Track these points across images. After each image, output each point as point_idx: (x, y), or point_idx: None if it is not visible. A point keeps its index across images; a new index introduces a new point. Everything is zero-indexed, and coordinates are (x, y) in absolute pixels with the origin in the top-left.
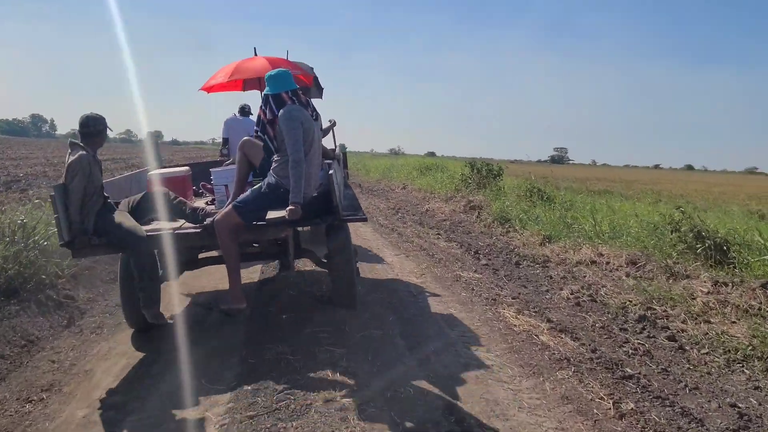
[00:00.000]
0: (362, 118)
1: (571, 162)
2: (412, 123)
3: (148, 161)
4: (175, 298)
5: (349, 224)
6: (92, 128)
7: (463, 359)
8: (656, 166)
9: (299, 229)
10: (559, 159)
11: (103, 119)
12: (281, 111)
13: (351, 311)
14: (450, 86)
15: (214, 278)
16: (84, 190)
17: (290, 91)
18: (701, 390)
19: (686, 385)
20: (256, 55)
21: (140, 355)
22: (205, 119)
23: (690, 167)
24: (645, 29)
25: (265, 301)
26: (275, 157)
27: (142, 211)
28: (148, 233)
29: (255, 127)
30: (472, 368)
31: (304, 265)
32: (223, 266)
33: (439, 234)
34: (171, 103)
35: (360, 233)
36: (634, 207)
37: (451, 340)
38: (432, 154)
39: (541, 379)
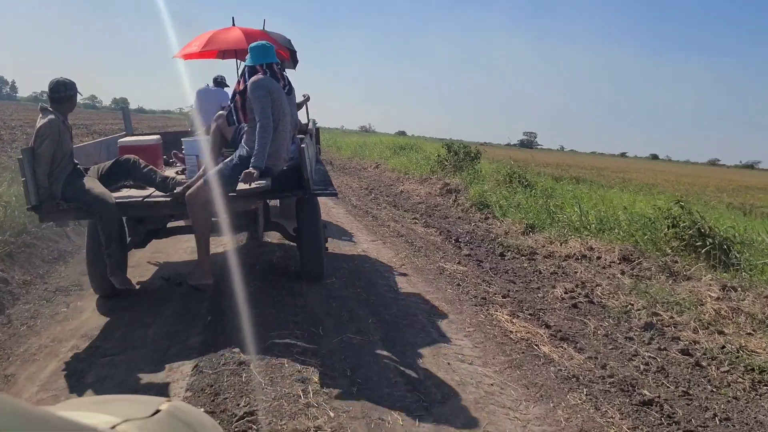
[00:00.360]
0: (334, 94)
1: (540, 147)
2: (384, 101)
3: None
4: (139, 268)
5: (320, 202)
6: (62, 93)
7: (458, 375)
8: (622, 155)
9: (269, 202)
10: (528, 143)
11: (74, 84)
12: (250, 81)
13: (325, 307)
14: (423, 66)
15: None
16: (53, 155)
17: (265, 64)
18: (733, 421)
19: (715, 415)
20: (234, 25)
21: (76, 353)
22: (173, 88)
23: (655, 156)
24: (618, 13)
25: (229, 289)
26: (244, 127)
27: (111, 177)
28: (117, 200)
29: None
30: (470, 388)
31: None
32: (191, 236)
33: (416, 218)
34: (137, 70)
35: (333, 214)
36: (621, 198)
37: (441, 350)
38: (402, 133)
39: (551, 404)
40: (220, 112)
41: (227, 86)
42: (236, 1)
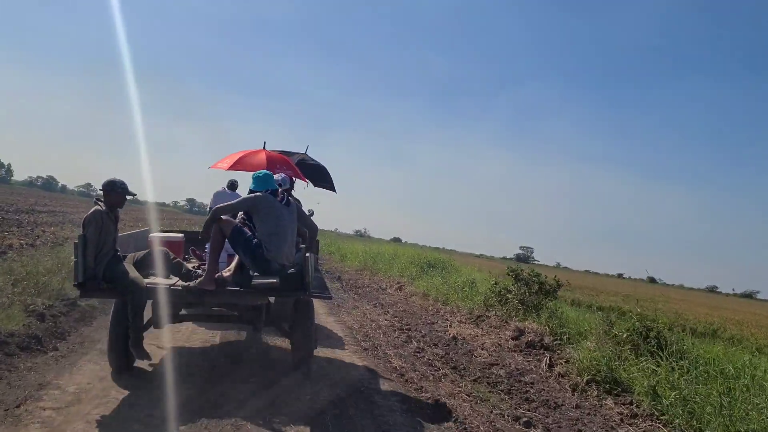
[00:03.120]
0: (327, 195)
1: (536, 262)
2: (378, 206)
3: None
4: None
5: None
6: (110, 190)
7: None
8: (620, 275)
9: (271, 299)
10: (524, 258)
11: (124, 184)
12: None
13: None
14: (416, 175)
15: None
16: (98, 241)
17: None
18: None
19: None
20: (264, 148)
21: None
22: (169, 181)
23: (653, 280)
24: (619, 138)
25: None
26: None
27: (144, 265)
28: (148, 285)
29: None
30: None
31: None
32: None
33: (503, 399)
34: (135, 160)
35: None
36: None
37: None
38: (398, 240)
39: None
40: (222, 216)
41: (237, 189)
42: (238, 102)
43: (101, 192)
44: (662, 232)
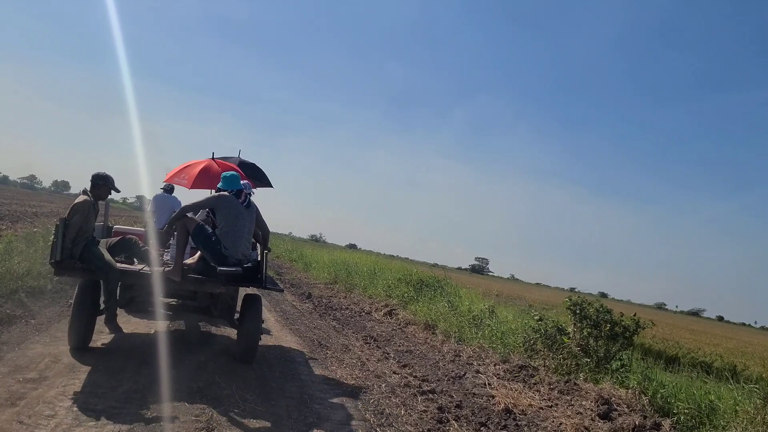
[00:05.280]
0: (283, 199)
1: (491, 273)
2: (333, 212)
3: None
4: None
5: None
6: (99, 183)
7: None
8: (572, 289)
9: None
10: (479, 269)
11: (110, 178)
12: (215, 193)
13: None
14: (372, 181)
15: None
16: (80, 227)
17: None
18: None
19: None
20: (213, 159)
21: None
22: (119, 178)
23: (604, 295)
24: (551, 156)
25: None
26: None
27: (115, 250)
28: (120, 268)
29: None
30: None
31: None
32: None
33: None
34: (82, 154)
35: None
36: None
37: None
38: (353, 246)
39: None
40: (187, 216)
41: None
42: (185, 99)
43: (91, 182)
44: (610, 247)
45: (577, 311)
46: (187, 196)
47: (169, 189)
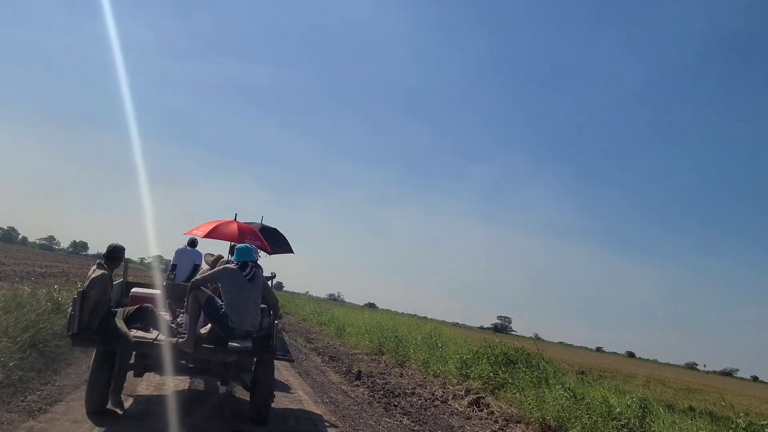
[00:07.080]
0: (300, 258)
1: (513, 332)
2: (351, 270)
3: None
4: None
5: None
6: (115, 255)
7: None
8: (598, 349)
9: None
10: (502, 328)
11: (124, 249)
12: (221, 264)
13: None
14: (391, 240)
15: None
16: (97, 299)
17: (241, 261)
18: None
19: None
20: (236, 219)
21: None
22: (137, 238)
23: (631, 354)
24: (598, 212)
25: None
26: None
27: (132, 319)
28: (135, 339)
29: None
30: None
31: None
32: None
33: None
34: (98, 214)
35: None
36: None
37: None
38: (372, 305)
39: None
40: (199, 288)
41: (196, 247)
42: (208, 160)
43: (105, 256)
44: (634, 306)
45: None
46: (204, 245)
47: (192, 242)
